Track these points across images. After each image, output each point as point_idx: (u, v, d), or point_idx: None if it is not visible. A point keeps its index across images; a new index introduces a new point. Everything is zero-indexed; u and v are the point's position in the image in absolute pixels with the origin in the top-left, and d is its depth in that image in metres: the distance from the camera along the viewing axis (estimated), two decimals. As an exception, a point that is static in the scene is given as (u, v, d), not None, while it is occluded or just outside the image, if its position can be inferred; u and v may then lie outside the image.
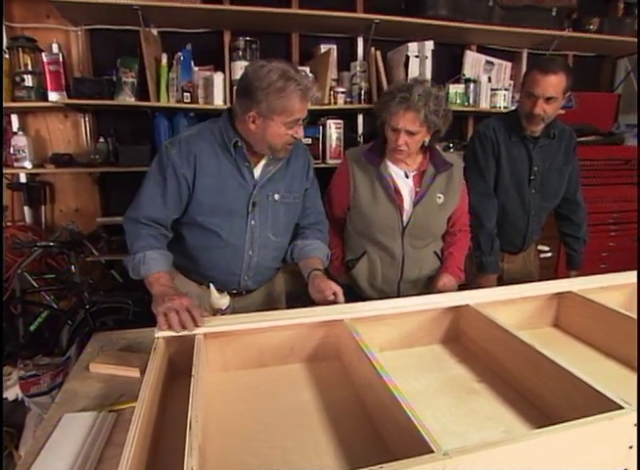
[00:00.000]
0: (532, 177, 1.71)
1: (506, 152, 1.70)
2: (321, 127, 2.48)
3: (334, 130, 2.49)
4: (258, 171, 1.30)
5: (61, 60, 2.14)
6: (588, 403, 0.76)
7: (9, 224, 2.34)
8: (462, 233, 1.62)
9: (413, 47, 2.41)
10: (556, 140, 1.71)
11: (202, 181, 1.25)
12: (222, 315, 1.18)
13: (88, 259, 2.32)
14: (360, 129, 2.73)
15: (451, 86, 2.59)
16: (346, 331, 1.03)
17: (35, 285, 2.22)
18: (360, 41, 2.63)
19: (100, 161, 2.31)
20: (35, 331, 2.16)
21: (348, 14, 2.37)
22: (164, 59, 2.19)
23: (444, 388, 0.99)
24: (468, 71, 2.71)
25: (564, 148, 1.73)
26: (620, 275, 1.37)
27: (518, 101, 1.76)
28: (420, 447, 0.63)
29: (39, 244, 2.16)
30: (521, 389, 0.96)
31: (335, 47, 2.44)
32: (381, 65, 2.41)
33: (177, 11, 2.16)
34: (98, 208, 2.53)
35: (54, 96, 2.15)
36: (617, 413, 0.69)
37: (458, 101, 2.60)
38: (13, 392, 1.86)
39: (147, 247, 1.19)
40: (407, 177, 1.51)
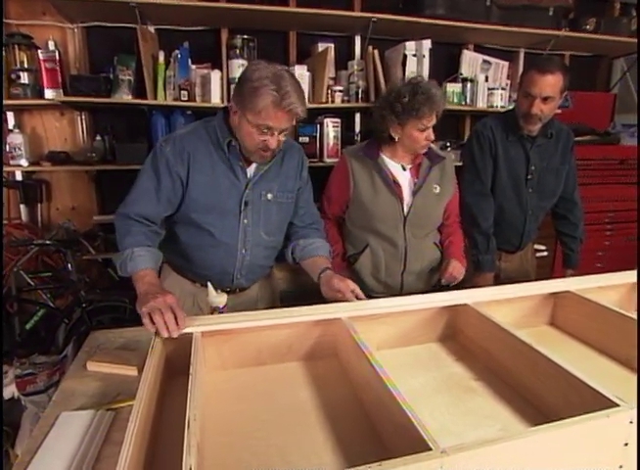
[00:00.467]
0: (530, 177, 1.72)
1: (503, 151, 1.70)
2: (318, 126, 2.48)
3: (331, 129, 2.49)
4: (251, 170, 1.30)
5: (57, 57, 2.13)
6: (584, 401, 0.77)
7: (5, 222, 2.33)
8: (456, 225, 1.71)
9: (411, 46, 2.41)
10: (553, 139, 1.71)
11: (195, 179, 1.25)
12: (220, 314, 1.18)
13: (85, 258, 2.32)
14: (357, 128, 2.73)
15: (448, 85, 2.60)
16: (344, 329, 1.03)
17: (31, 283, 2.21)
18: (358, 40, 2.63)
19: (96, 159, 2.30)
20: (31, 329, 2.15)
21: (346, 12, 2.37)
22: (162, 57, 2.18)
23: (441, 386, 1.00)
24: (465, 71, 2.72)
25: (561, 147, 1.74)
26: (616, 275, 1.38)
27: (515, 100, 1.76)
28: (418, 445, 0.64)
29: (36, 242, 2.15)
30: (517, 387, 0.96)
31: (332, 46, 2.43)
32: (378, 63, 2.41)
33: (174, 8, 2.15)
34: (94, 206, 2.52)
35: (50, 93, 2.14)
36: (613, 411, 0.70)
37: (455, 100, 2.61)
38: (9, 390, 1.85)
39: (135, 243, 1.18)
40: (404, 170, 1.58)
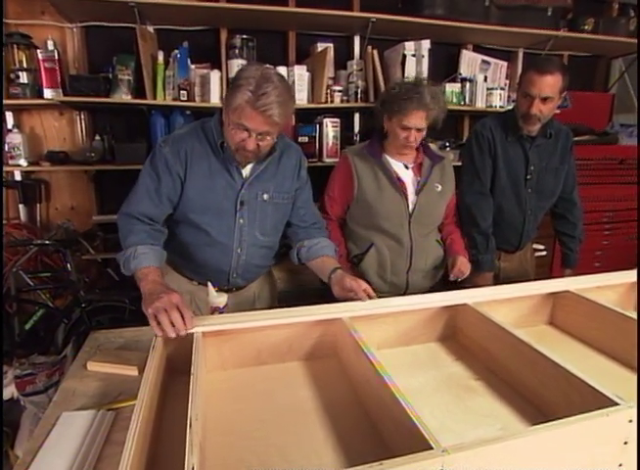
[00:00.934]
0: (529, 177, 1.72)
1: (502, 151, 1.71)
2: (318, 126, 2.48)
3: (330, 129, 2.49)
4: (247, 170, 1.30)
5: (56, 57, 2.13)
6: (584, 400, 0.77)
7: (4, 222, 2.33)
8: (455, 225, 1.74)
9: (410, 46, 2.41)
10: (552, 139, 1.72)
11: (192, 179, 1.26)
12: (220, 313, 1.18)
13: (84, 258, 2.31)
14: (357, 128, 2.73)
15: (447, 85, 2.60)
16: (345, 329, 1.03)
17: (31, 283, 2.20)
18: (357, 40, 2.63)
19: (95, 158, 2.30)
20: (30, 330, 2.15)
21: (345, 12, 2.37)
22: (161, 56, 2.18)
23: (441, 386, 1.00)
24: (464, 71, 2.72)
25: (560, 147, 1.74)
26: (615, 274, 1.38)
27: (514, 100, 1.77)
28: (418, 444, 0.64)
29: (35, 242, 2.14)
30: (517, 386, 0.97)
31: (331, 46, 2.44)
32: (377, 63, 2.42)
33: (173, 8, 2.15)
34: (94, 206, 2.51)
35: (49, 93, 2.14)
36: (613, 410, 0.70)
37: (454, 100, 2.61)
38: (8, 391, 1.85)
39: (138, 242, 1.18)
40: (407, 169, 1.59)
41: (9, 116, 2.28)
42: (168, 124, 2.34)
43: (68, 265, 2.14)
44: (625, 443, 0.72)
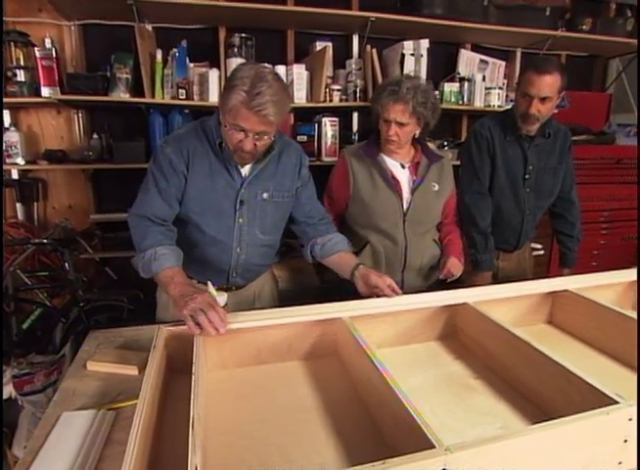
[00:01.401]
0: (527, 176, 1.73)
1: (501, 151, 1.71)
2: (316, 125, 2.48)
3: (329, 128, 2.49)
4: (247, 169, 1.30)
5: (54, 55, 2.12)
6: (584, 399, 0.78)
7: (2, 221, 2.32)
8: (454, 224, 1.73)
9: (408, 45, 2.42)
10: (551, 139, 1.72)
11: (194, 178, 1.26)
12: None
13: (82, 257, 2.31)
14: (355, 127, 2.73)
15: (446, 85, 2.61)
16: (345, 328, 1.04)
17: (28, 283, 2.20)
18: (356, 39, 2.63)
19: (93, 157, 2.29)
20: (28, 329, 2.14)
21: (344, 11, 2.38)
22: (159, 55, 2.17)
23: (441, 384, 1.00)
24: (462, 70, 2.73)
25: (559, 147, 1.75)
26: (614, 273, 1.39)
27: (512, 100, 1.77)
28: (421, 443, 0.64)
29: (33, 241, 2.13)
30: (517, 385, 0.97)
31: (330, 44, 2.43)
32: (376, 62, 2.42)
33: (172, 6, 2.13)
34: (91, 204, 2.50)
35: (47, 91, 2.13)
36: (613, 408, 0.71)
37: (452, 99, 2.62)
38: (6, 390, 1.84)
39: (156, 243, 1.18)
40: (403, 168, 1.59)
41: (6, 114, 2.27)
42: (167, 123, 2.33)
43: (65, 264, 2.14)
44: (625, 441, 0.73)
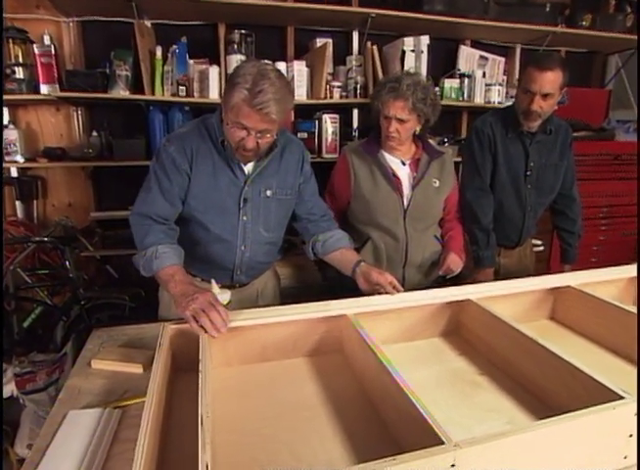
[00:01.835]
0: (529, 173, 1.73)
1: (502, 147, 1.71)
2: (317, 122, 2.47)
3: (329, 125, 2.49)
4: (250, 167, 1.30)
5: (53, 52, 2.10)
6: (589, 394, 0.78)
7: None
8: (456, 220, 1.73)
9: (409, 42, 2.41)
10: (552, 136, 1.72)
11: (198, 177, 1.25)
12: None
13: (82, 255, 2.30)
14: (356, 124, 2.73)
15: (446, 81, 2.60)
16: (350, 325, 1.04)
17: (29, 281, 2.19)
18: (356, 35, 2.62)
19: (93, 155, 2.28)
20: (29, 327, 2.14)
21: (344, 8, 2.36)
22: (159, 52, 2.16)
23: (446, 381, 1.01)
24: (462, 66, 2.72)
25: (560, 143, 1.75)
26: (615, 269, 1.40)
27: (513, 96, 1.77)
28: (429, 439, 0.65)
29: (33, 239, 2.13)
30: (522, 380, 0.98)
31: (330, 41, 2.42)
32: (377, 59, 2.41)
33: (171, 2, 2.13)
34: (91, 202, 2.50)
35: (46, 89, 2.11)
36: (619, 403, 0.71)
37: (453, 96, 2.62)
38: (7, 389, 1.84)
39: (157, 242, 1.17)
40: (404, 165, 1.60)
41: (4, 111, 2.26)
42: (167, 120, 2.32)
43: (66, 262, 2.13)
44: (630, 435, 0.73)
